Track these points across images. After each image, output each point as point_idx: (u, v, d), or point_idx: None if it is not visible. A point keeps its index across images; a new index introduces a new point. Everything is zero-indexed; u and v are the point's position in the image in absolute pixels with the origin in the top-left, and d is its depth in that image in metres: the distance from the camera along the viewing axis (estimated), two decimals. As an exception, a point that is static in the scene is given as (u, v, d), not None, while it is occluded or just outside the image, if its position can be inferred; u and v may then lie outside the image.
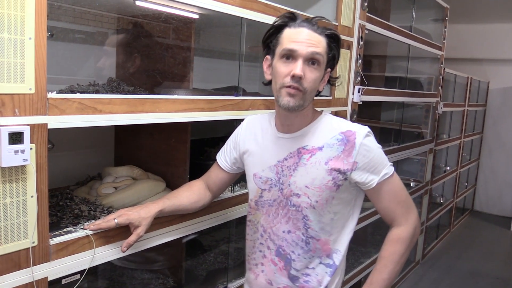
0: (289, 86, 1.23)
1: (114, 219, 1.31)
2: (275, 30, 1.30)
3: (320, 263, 1.35)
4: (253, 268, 1.44)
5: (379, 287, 1.30)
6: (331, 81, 1.41)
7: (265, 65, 1.35)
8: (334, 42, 1.31)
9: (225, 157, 1.54)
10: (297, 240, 1.34)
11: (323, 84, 1.34)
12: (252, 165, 1.42)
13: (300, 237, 1.33)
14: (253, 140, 1.44)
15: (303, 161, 1.31)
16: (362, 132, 1.29)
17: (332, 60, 1.32)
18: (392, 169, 1.33)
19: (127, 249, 1.31)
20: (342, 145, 1.28)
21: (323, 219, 1.32)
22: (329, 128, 1.32)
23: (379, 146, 1.33)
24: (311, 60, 1.24)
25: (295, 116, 1.32)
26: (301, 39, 1.23)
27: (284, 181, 1.33)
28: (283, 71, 1.24)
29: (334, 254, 1.36)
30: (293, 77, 1.22)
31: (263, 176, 1.38)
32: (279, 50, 1.27)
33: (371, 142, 1.30)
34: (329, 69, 1.33)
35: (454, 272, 4.28)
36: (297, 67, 1.22)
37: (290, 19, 1.29)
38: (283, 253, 1.36)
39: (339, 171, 1.28)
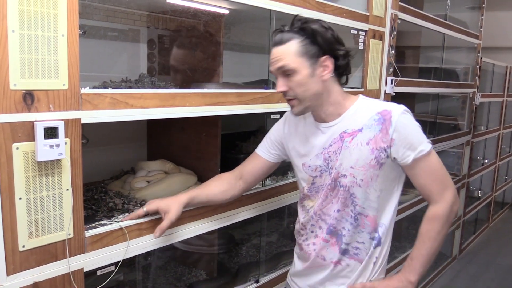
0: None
1: (143, 208, 1.37)
2: None
3: (369, 238, 1.42)
4: (305, 248, 1.50)
5: (419, 262, 1.37)
6: (339, 63, 1.36)
7: None
8: (308, 32, 1.31)
9: (267, 149, 1.58)
10: (346, 217, 1.40)
11: (326, 72, 1.33)
12: (300, 156, 1.48)
13: (349, 214, 1.40)
14: (297, 132, 1.50)
15: (346, 144, 1.37)
16: (398, 110, 1.33)
17: (319, 49, 1.31)
18: (430, 146, 1.35)
19: (160, 234, 1.34)
20: (379, 124, 1.33)
21: (370, 197, 1.38)
22: (366, 110, 1.37)
23: (417, 124, 1.36)
24: (283, 73, 1.32)
25: (320, 110, 1.39)
26: (271, 59, 1.34)
27: (332, 166, 1.40)
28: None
29: (379, 228, 1.42)
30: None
31: (312, 164, 1.44)
32: None
33: (407, 120, 1.34)
34: (324, 57, 1.32)
35: (493, 268, 4.15)
36: (277, 85, 1.35)
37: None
38: (334, 230, 1.42)
39: (380, 149, 1.33)
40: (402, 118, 1.32)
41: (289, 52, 1.30)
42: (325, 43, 1.32)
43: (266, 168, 1.59)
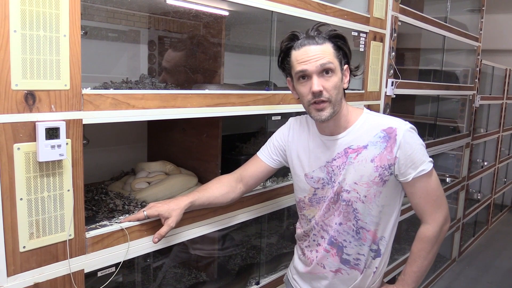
0: (314, 102, 1.32)
1: (143, 211, 1.35)
2: (284, 54, 1.37)
3: (369, 250, 1.44)
4: (307, 254, 1.53)
5: (410, 278, 1.43)
6: (353, 73, 1.44)
7: (289, 86, 1.44)
8: (339, 40, 1.36)
9: (269, 154, 1.57)
10: (348, 230, 1.43)
11: (346, 80, 1.39)
12: (302, 166, 1.49)
13: (351, 228, 1.42)
14: (301, 141, 1.50)
15: (350, 160, 1.38)
16: (403, 128, 1.35)
17: (345, 57, 1.37)
18: (431, 166, 1.37)
19: (158, 240, 1.33)
20: (384, 142, 1.35)
21: (372, 212, 1.40)
22: (372, 127, 1.38)
23: (421, 142, 1.38)
24: (323, 71, 1.30)
25: (332, 120, 1.38)
26: (307, 57, 1.30)
27: (335, 179, 1.41)
28: (303, 91, 1.33)
29: (380, 240, 1.45)
30: (314, 93, 1.30)
31: (315, 176, 1.45)
32: (294, 73, 1.35)
33: (412, 139, 1.35)
34: (346, 65, 1.38)
35: (492, 270, 4.15)
36: (314, 84, 1.29)
37: (292, 40, 1.35)
38: (335, 242, 1.45)
39: (384, 167, 1.35)
40: (407, 137, 1.34)
41: (330, 51, 1.32)
42: (347, 54, 1.38)
43: (267, 172, 1.59)
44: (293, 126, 1.55)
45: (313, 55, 1.30)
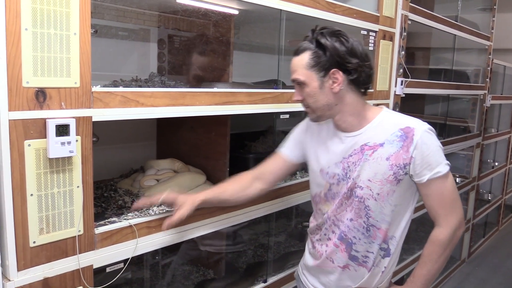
0: None
1: (160, 197, 1.39)
2: None
3: (379, 248, 1.44)
4: (317, 247, 1.53)
5: (420, 281, 1.42)
6: (349, 77, 1.34)
7: None
8: (319, 47, 1.32)
9: (291, 149, 1.59)
10: (358, 227, 1.42)
11: (335, 84, 1.33)
12: (318, 161, 1.50)
13: (361, 225, 1.42)
14: (319, 137, 1.51)
15: (366, 157, 1.38)
16: (420, 129, 1.34)
17: (328, 62, 1.31)
18: (447, 168, 1.36)
19: (167, 228, 1.36)
20: (401, 141, 1.34)
21: (384, 210, 1.39)
22: (389, 125, 1.38)
23: (439, 144, 1.36)
24: (297, 84, 1.38)
25: (337, 120, 1.41)
26: (291, 69, 1.39)
27: (350, 176, 1.41)
28: None
29: (390, 240, 1.44)
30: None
31: (330, 172, 1.46)
32: None
33: (429, 140, 1.34)
34: (333, 69, 1.31)
35: (502, 272, 4.12)
36: (294, 95, 1.41)
37: None
38: (345, 237, 1.45)
39: (399, 166, 1.34)
40: (424, 138, 1.33)
41: (301, 64, 1.34)
42: (334, 56, 1.31)
43: (286, 168, 1.60)
44: (311, 122, 1.55)
45: (291, 67, 1.38)
